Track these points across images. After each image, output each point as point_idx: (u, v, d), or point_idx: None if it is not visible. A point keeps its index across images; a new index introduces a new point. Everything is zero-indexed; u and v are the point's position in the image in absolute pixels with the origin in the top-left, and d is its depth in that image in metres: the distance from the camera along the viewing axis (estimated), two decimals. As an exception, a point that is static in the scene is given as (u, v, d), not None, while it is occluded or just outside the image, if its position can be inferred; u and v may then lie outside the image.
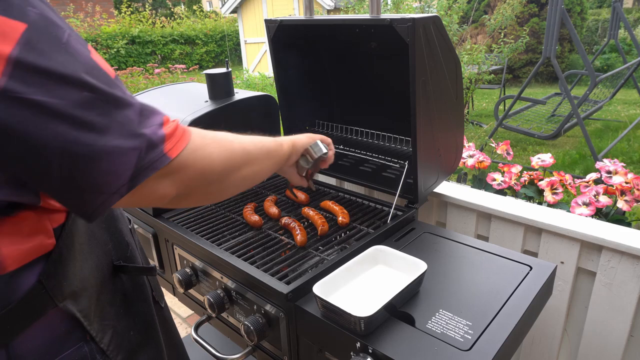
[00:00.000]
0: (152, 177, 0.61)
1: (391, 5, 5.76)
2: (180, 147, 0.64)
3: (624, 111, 7.29)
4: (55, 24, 0.54)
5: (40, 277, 0.63)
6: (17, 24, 0.50)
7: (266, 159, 0.87)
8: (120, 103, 0.57)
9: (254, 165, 0.82)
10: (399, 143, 1.66)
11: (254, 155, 0.82)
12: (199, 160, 0.68)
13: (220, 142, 0.73)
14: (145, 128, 0.59)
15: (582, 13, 9.82)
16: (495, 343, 0.89)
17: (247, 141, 0.82)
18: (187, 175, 0.66)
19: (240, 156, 0.77)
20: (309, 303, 1.02)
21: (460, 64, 1.43)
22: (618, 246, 1.24)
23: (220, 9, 14.66)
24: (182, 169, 0.65)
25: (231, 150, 0.75)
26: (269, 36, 1.57)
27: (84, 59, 0.55)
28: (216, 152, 0.71)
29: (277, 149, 0.94)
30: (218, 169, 0.71)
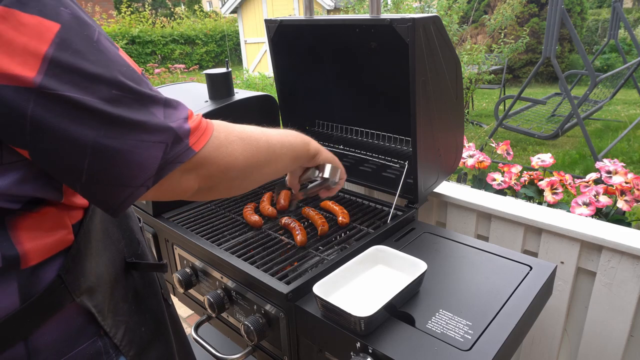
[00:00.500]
0: (177, 170, 0.63)
1: (391, 5, 5.76)
2: (204, 140, 0.66)
3: (624, 111, 7.29)
4: (86, 23, 0.56)
5: (60, 271, 0.65)
6: (52, 24, 0.52)
7: (289, 158, 0.88)
8: (147, 99, 0.59)
9: (278, 163, 0.84)
10: (399, 143, 1.66)
11: (279, 154, 0.83)
12: (222, 157, 0.69)
13: (245, 139, 0.74)
14: (172, 122, 0.61)
15: (582, 13, 9.82)
16: (495, 343, 0.89)
17: (275, 139, 0.83)
18: (210, 170, 0.68)
19: (264, 154, 0.78)
20: (309, 303, 1.02)
21: (460, 64, 1.43)
22: (618, 246, 1.24)
23: (220, 9, 14.66)
24: (205, 163, 0.67)
25: (256, 148, 0.76)
26: (269, 36, 1.57)
27: (113, 56, 0.58)
28: (240, 150, 0.72)
29: (303, 149, 0.94)
30: (241, 165, 0.72)
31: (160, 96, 0.62)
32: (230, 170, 0.71)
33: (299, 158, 0.94)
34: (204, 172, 0.67)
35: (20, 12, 0.51)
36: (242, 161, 0.73)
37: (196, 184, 0.68)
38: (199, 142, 0.65)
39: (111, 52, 0.58)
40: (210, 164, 0.67)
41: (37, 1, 0.52)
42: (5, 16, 0.50)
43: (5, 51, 0.50)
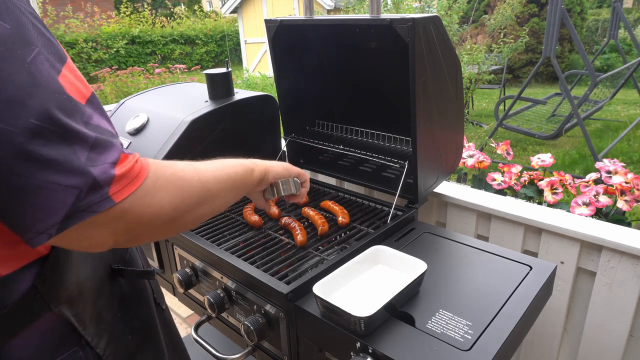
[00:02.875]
0: (87, 221, 0.55)
1: (391, 5, 5.76)
2: (129, 190, 0.57)
3: (624, 111, 7.29)
4: (24, 41, 0.51)
5: (35, 281, 0.62)
6: None
7: (230, 192, 0.80)
8: (71, 135, 0.52)
9: (214, 201, 0.75)
10: (399, 143, 1.66)
11: (215, 191, 0.74)
12: (146, 207, 0.60)
13: (176, 182, 0.65)
14: (94, 166, 0.54)
15: (582, 13, 9.82)
16: (495, 343, 0.89)
17: (209, 174, 0.74)
18: (129, 222, 0.59)
19: (197, 195, 0.70)
20: (309, 303, 1.02)
21: (460, 64, 1.43)
22: (618, 246, 1.24)
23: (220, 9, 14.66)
24: (124, 216, 0.58)
25: (187, 190, 0.67)
26: (269, 36, 1.57)
27: (46, 80, 0.51)
28: (167, 197, 0.63)
29: (245, 178, 0.86)
30: (168, 214, 0.64)
31: (89, 134, 0.54)
32: (154, 221, 0.62)
33: (242, 188, 0.86)
34: (121, 225, 0.58)
35: None
36: (169, 209, 0.63)
37: (111, 240, 0.59)
38: (121, 192, 0.56)
39: (45, 76, 0.51)
40: (129, 216, 0.58)
41: None
42: None
43: None
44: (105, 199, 0.55)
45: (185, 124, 1.47)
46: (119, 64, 12.07)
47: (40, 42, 0.53)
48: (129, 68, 7.31)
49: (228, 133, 1.62)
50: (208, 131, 1.55)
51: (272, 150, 1.84)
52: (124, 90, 6.46)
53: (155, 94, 1.82)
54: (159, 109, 1.63)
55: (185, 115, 1.51)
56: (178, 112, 1.54)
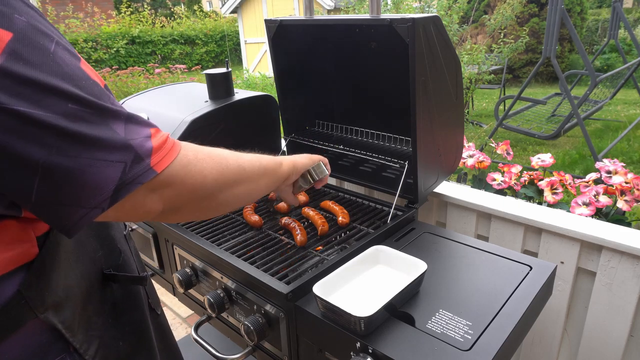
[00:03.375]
0: (137, 191, 0.58)
1: (391, 5, 5.76)
2: (168, 160, 0.61)
3: (624, 111, 7.29)
4: (42, 32, 0.53)
5: (20, 287, 0.61)
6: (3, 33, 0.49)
7: (262, 178, 0.84)
8: (107, 114, 0.56)
9: (249, 183, 0.79)
10: (399, 143, 1.66)
11: (249, 173, 0.79)
12: (190, 175, 0.65)
13: (214, 157, 0.71)
14: (132, 140, 0.57)
15: (582, 13, 9.81)
16: (495, 343, 0.89)
17: (244, 158, 0.79)
18: (176, 190, 0.63)
19: (234, 173, 0.74)
20: (309, 303, 1.02)
21: (460, 64, 1.43)
22: (618, 246, 1.24)
23: (220, 9, 14.66)
24: (170, 183, 0.62)
25: (225, 166, 0.72)
26: (269, 36, 1.57)
27: (71, 68, 0.54)
28: (208, 168, 0.68)
29: (275, 169, 0.91)
30: (210, 185, 0.68)
31: (123, 111, 0.58)
32: (198, 190, 0.67)
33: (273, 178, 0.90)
34: (169, 192, 0.63)
35: None
36: (211, 180, 0.68)
37: (160, 206, 0.63)
38: (162, 162, 0.60)
39: (69, 64, 0.54)
40: (176, 183, 0.63)
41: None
42: None
43: None
44: (148, 169, 0.58)
45: (186, 124, 1.47)
46: (119, 64, 12.07)
47: (55, 34, 0.56)
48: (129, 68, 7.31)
49: (228, 133, 1.62)
50: (208, 131, 1.55)
51: (272, 150, 1.84)
52: (124, 90, 6.46)
53: (155, 94, 1.82)
54: (159, 109, 1.63)
55: (185, 115, 1.51)
56: (178, 112, 1.54)
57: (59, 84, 0.52)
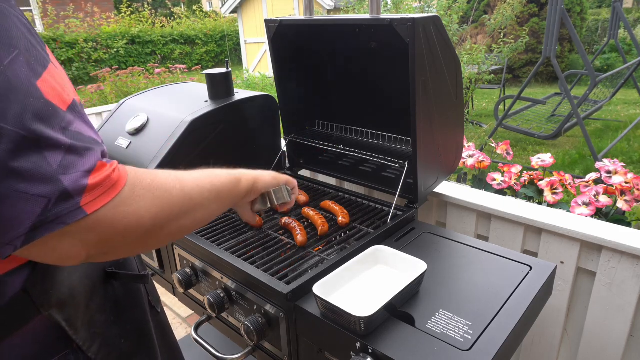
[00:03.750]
0: (56, 234, 0.52)
1: (391, 5, 5.76)
2: (104, 200, 0.54)
3: (624, 111, 7.29)
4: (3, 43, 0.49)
5: (26, 285, 0.61)
6: None
7: (214, 202, 0.76)
8: (43, 142, 0.50)
9: (197, 212, 0.71)
10: (399, 143, 1.66)
11: (198, 200, 0.71)
12: (121, 217, 0.57)
13: (154, 190, 0.62)
14: (65, 174, 0.51)
15: (582, 13, 9.81)
16: (495, 343, 0.89)
17: (192, 184, 0.70)
18: (102, 235, 0.56)
19: (179, 205, 0.66)
20: (309, 303, 1.02)
21: (460, 64, 1.43)
22: (618, 246, 1.24)
23: (220, 9, 14.66)
24: (96, 227, 0.55)
25: (167, 199, 0.64)
26: (269, 36, 1.57)
27: (22, 85, 0.49)
28: (146, 206, 0.60)
29: (231, 189, 0.83)
30: (145, 225, 0.60)
31: (63, 140, 0.51)
32: (131, 233, 0.59)
33: (228, 199, 0.82)
34: (93, 237, 0.55)
35: None
36: (148, 220, 0.60)
37: (83, 252, 0.56)
38: (94, 202, 0.53)
39: (21, 80, 0.49)
40: (103, 227, 0.55)
41: None
42: None
43: None
44: (76, 209, 0.52)
45: (185, 124, 1.47)
46: (119, 64, 12.07)
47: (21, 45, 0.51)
48: (129, 68, 7.30)
49: (228, 133, 1.62)
50: (208, 131, 1.55)
51: (272, 150, 1.84)
52: (124, 90, 6.46)
53: (155, 94, 1.82)
54: (159, 109, 1.63)
55: (185, 115, 1.51)
56: (178, 112, 1.54)
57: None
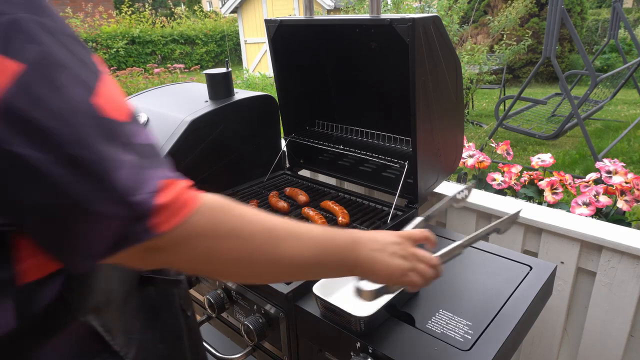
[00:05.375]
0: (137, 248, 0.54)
1: (391, 5, 5.76)
2: (176, 220, 0.54)
3: (624, 111, 7.29)
4: (55, 63, 0.49)
5: (63, 290, 0.60)
6: (13, 65, 0.46)
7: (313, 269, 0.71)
8: (110, 164, 0.50)
9: (283, 275, 0.71)
10: (399, 143, 1.65)
11: (287, 267, 0.67)
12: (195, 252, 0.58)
13: (239, 236, 0.61)
14: (133, 195, 0.51)
15: (582, 13, 9.82)
16: (495, 343, 0.89)
17: (289, 241, 0.65)
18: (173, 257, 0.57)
19: (261, 264, 0.64)
20: (309, 303, 1.02)
21: (460, 64, 1.43)
22: (618, 246, 1.24)
23: (220, 9, 14.66)
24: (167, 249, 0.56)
25: (249, 253, 0.62)
26: (269, 36, 1.57)
27: (79, 106, 0.49)
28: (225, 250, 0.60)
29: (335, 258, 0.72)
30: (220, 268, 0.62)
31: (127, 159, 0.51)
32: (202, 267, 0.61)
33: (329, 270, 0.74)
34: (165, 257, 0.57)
35: None
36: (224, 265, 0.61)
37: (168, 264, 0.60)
38: (166, 223, 0.53)
39: (77, 100, 0.49)
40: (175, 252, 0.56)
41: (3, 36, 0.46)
42: None
43: None
44: (144, 230, 0.52)
45: (186, 124, 1.47)
46: (118, 64, 12.06)
47: (70, 62, 0.51)
48: (128, 68, 7.31)
49: (228, 133, 1.62)
50: (208, 131, 1.55)
51: (272, 150, 1.84)
52: (123, 91, 6.46)
53: (155, 94, 1.82)
54: (159, 109, 1.63)
55: (185, 115, 1.51)
56: (178, 112, 1.54)
57: (60, 125, 0.47)
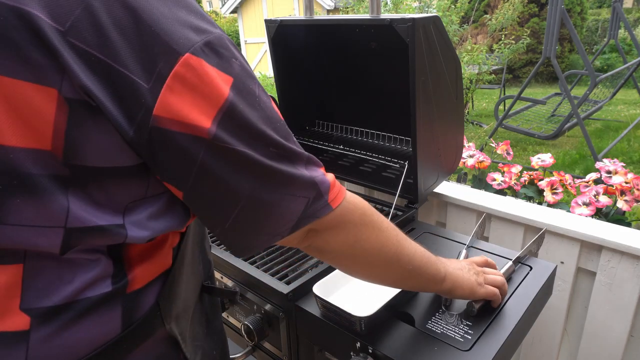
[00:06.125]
0: (312, 225, 0.64)
1: (391, 5, 5.76)
2: (340, 198, 0.66)
3: (624, 111, 7.29)
4: (250, 75, 0.57)
5: (158, 298, 0.63)
6: (227, 77, 0.53)
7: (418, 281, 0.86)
8: (295, 156, 0.61)
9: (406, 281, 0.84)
10: (399, 143, 1.66)
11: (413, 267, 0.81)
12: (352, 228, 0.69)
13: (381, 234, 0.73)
14: (316, 177, 0.62)
15: (582, 13, 9.82)
16: (495, 343, 0.89)
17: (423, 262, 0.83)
18: (337, 237, 0.68)
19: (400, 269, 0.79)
20: (309, 303, 1.02)
21: (460, 64, 1.43)
22: (618, 246, 1.24)
23: (220, 9, 14.66)
24: (337, 225, 0.67)
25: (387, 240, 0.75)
26: (269, 36, 1.57)
27: (270, 112, 0.58)
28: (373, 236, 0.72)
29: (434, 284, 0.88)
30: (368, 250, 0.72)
31: (304, 152, 0.63)
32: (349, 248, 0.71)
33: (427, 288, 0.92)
34: (329, 239, 0.68)
35: (204, 61, 0.51)
36: (370, 246, 0.72)
37: (320, 247, 0.70)
38: (336, 199, 0.65)
39: (268, 107, 0.59)
40: (336, 234, 0.68)
41: (216, 52, 0.53)
42: (194, 65, 0.50)
43: (188, 100, 0.50)
44: (325, 205, 0.64)
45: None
46: (119, 64, 12.05)
47: (254, 74, 0.59)
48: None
49: (228, 133, 1.62)
50: (208, 131, 1.55)
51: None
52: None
53: (155, 94, 1.82)
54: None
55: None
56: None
57: (266, 129, 0.56)
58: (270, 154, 0.57)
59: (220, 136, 0.52)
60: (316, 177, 0.62)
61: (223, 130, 0.53)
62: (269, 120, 0.57)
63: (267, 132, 0.57)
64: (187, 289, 0.71)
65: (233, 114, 0.53)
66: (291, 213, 0.61)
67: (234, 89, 0.53)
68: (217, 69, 0.52)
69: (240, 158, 0.55)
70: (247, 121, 0.54)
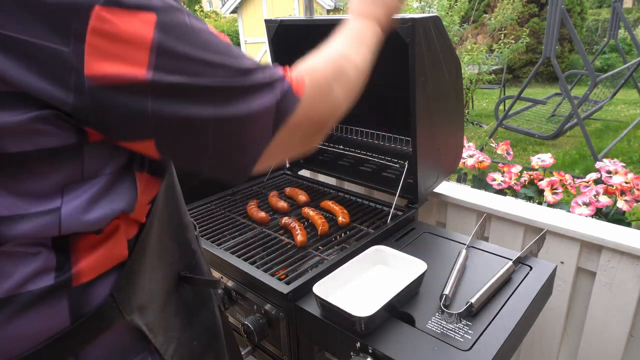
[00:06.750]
0: (291, 118, 0.64)
1: (391, 5, 5.75)
2: (302, 83, 0.66)
3: (624, 111, 7.29)
4: (173, 7, 0.55)
5: (112, 290, 0.62)
6: (148, 15, 0.51)
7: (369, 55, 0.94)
8: (247, 68, 0.60)
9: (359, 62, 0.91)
10: (399, 143, 1.65)
11: (365, 68, 0.90)
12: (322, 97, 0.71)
13: (340, 78, 0.79)
14: (274, 78, 0.62)
15: (582, 13, 9.82)
16: (495, 343, 0.89)
17: (352, 53, 0.90)
18: (316, 114, 0.69)
19: (356, 82, 0.86)
20: (309, 303, 1.02)
21: (460, 64, 1.43)
22: (618, 246, 1.24)
23: (220, 9, 14.66)
24: (303, 115, 0.67)
25: (346, 81, 0.81)
26: (269, 36, 1.57)
27: (207, 36, 0.57)
28: (341, 94, 0.77)
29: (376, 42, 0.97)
30: (342, 106, 0.79)
31: (254, 62, 0.63)
32: (337, 112, 0.76)
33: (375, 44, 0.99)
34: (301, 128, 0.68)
35: (118, 8, 0.49)
36: (344, 101, 0.79)
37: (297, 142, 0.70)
38: (301, 88, 0.65)
39: (204, 32, 0.57)
40: (306, 112, 0.68)
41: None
42: (108, 16, 0.49)
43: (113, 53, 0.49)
44: (293, 96, 0.64)
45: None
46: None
47: (181, 5, 0.59)
48: (129, 68, 7.30)
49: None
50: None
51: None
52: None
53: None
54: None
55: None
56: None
57: (205, 55, 0.55)
58: (218, 75, 0.56)
59: (159, 80, 0.52)
60: (275, 77, 0.62)
61: (160, 72, 0.52)
62: (207, 44, 0.56)
63: (208, 57, 0.56)
64: (153, 280, 0.70)
65: (165, 52, 0.52)
66: (262, 114, 0.60)
67: (159, 25, 0.52)
68: (135, 10, 0.50)
69: (189, 90, 0.54)
70: (183, 54, 0.53)
